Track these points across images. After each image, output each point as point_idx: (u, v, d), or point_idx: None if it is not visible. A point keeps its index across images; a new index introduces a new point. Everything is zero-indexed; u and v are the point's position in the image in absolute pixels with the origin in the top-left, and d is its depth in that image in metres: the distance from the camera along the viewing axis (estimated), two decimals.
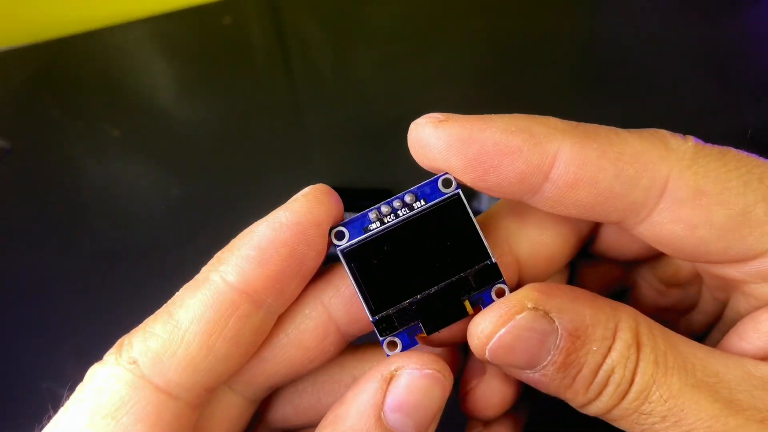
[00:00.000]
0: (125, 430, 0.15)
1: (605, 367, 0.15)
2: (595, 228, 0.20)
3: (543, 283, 0.17)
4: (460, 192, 0.17)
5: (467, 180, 0.17)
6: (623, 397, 0.15)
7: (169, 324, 0.16)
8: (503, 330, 0.16)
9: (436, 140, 0.17)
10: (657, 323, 0.16)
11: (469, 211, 0.17)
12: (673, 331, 0.16)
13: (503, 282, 0.17)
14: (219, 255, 0.17)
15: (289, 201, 0.18)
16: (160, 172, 0.51)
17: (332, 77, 0.58)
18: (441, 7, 0.62)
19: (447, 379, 0.17)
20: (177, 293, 0.17)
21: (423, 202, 0.17)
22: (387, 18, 0.62)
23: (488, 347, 0.16)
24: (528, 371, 0.16)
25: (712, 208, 0.16)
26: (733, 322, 0.18)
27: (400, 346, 0.17)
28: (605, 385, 0.15)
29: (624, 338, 0.15)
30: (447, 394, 0.17)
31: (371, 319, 0.17)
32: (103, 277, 0.43)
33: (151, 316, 0.17)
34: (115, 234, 0.46)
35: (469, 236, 0.17)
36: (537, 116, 0.17)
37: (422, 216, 0.17)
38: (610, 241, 0.20)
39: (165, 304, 0.17)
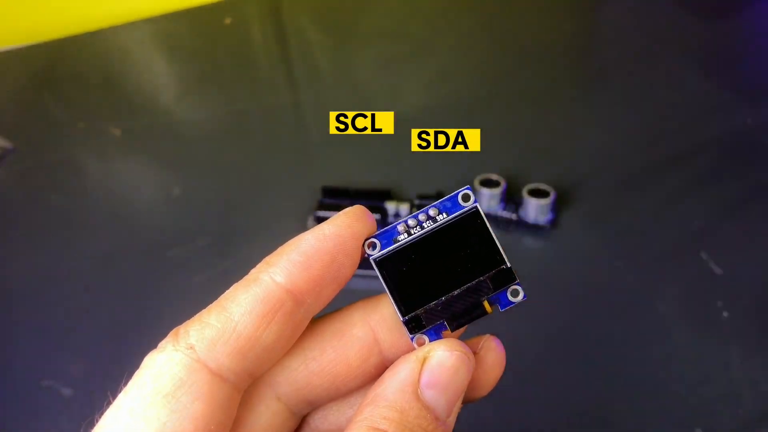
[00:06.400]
0: (185, 407, 0.17)
1: None
2: None
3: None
4: (478, 205, 0.20)
5: None
6: None
7: (222, 315, 0.18)
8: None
9: None
10: None
11: (486, 222, 0.20)
12: None
13: (518, 284, 0.20)
14: (267, 259, 0.19)
15: (331, 218, 0.20)
16: (161, 171, 0.51)
17: (332, 77, 0.58)
18: (441, 7, 0.62)
19: (471, 361, 0.19)
20: (228, 290, 0.19)
21: (445, 215, 0.20)
22: (387, 18, 0.62)
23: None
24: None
25: None
26: None
27: (427, 342, 0.20)
28: None
29: None
30: (470, 375, 0.19)
31: (402, 319, 0.20)
32: (103, 277, 0.43)
33: (205, 309, 0.19)
34: (115, 233, 0.46)
35: (486, 244, 0.20)
36: None
37: (444, 227, 0.20)
38: None
39: (217, 299, 0.19)
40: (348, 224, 0.19)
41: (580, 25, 0.61)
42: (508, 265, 0.19)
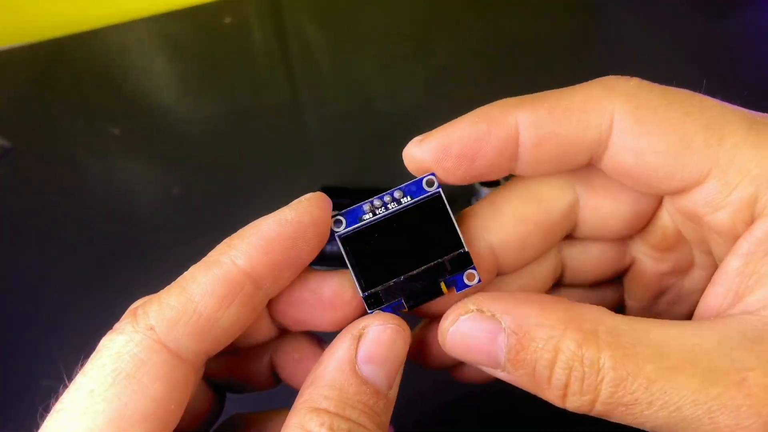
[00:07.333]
0: (146, 387, 0.17)
1: (560, 364, 0.17)
2: (571, 213, 0.22)
3: (493, 292, 0.19)
4: (441, 191, 0.20)
5: (462, 173, 0.20)
6: (597, 392, 0.16)
7: (183, 296, 0.18)
8: (453, 328, 0.18)
9: (424, 154, 0.20)
10: (627, 318, 0.17)
11: (448, 207, 0.20)
12: (646, 318, 0.17)
13: (473, 268, 0.20)
14: (228, 241, 0.19)
15: (293, 203, 0.20)
16: (160, 171, 0.51)
17: (332, 77, 0.58)
18: (441, 7, 0.62)
19: (406, 332, 0.19)
20: (187, 271, 0.19)
21: (409, 198, 0.20)
22: (387, 18, 0.62)
23: (447, 344, 0.19)
24: (498, 370, 0.18)
25: (654, 137, 0.18)
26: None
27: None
28: (568, 382, 0.17)
29: (573, 337, 0.17)
30: (407, 346, 0.19)
31: (362, 295, 0.20)
32: (103, 276, 0.43)
33: (164, 290, 0.19)
34: (115, 232, 0.46)
35: (446, 228, 0.20)
36: (494, 102, 0.20)
37: (408, 210, 0.20)
38: (590, 222, 0.22)
39: (176, 280, 0.19)
40: (309, 210, 0.19)
41: (581, 24, 0.61)
42: (466, 249, 0.20)
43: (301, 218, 0.19)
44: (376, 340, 0.19)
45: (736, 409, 0.15)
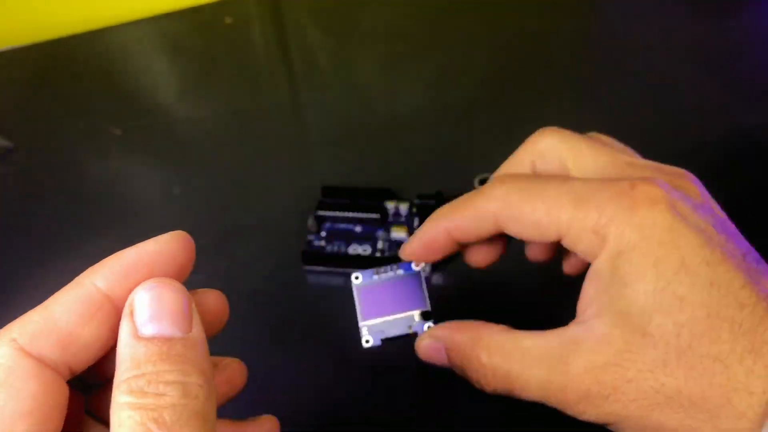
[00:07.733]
0: (19, 390, 0.18)
1: (471, 367, 0.28)
2: (496, 225, 0.31)
3: (443, 324, 0.31)
4: (421, 271, 0.32)
5: (440, 254, 0.31)
6: (495, 384, 0.28)
7: (44, 313, 0.20)
8: (420, 346, 0.31)
9: (407, 258, 0.32)
10: (512, 334, 0.28)
11: (423, 281, 0.32)
12: (523, 331, 0.28)
13: (433, 321, 0.31)
14: (91, 268, 0.21)
15: (156, 237, 0.22)
16: (161, 171, 0.51)
17: (332, 77, 0.58)
18: (441, 7, 0.62)
19: (170, 283, 0.21)
20: (52, 296, 0.21)
21: (402, 271, 0.32)
22: (387, 18, 0.62)
23: (420, 354, 0.31)
24: (450, 367, 0.30)
25: (523, 225, 0.29)
26: None
27: (371, 342, 0.31)
28: (476, 377, 0.28)
29: (475, 353, 0.28)
30: (179, 291, 0.20)
31: (360, 324, 0.31)
32: None
33: (28, 312, 0.20)
34: (115, 233, 0.46)
35: (420, 293, 0.32)
36: (481, 190, 0.29)
37: (400, 277, 0.32)
38: (513, 232, 0.31)
39: (41, 304, 0.21)
40: (168, 246, 0.22)
41: (581, 24, 0.61)
42: (429, 308, 0.31)
43: (160, 250, 0.21)
44: (144, 304, 0.20)
45: (561, 386, 0.25)
